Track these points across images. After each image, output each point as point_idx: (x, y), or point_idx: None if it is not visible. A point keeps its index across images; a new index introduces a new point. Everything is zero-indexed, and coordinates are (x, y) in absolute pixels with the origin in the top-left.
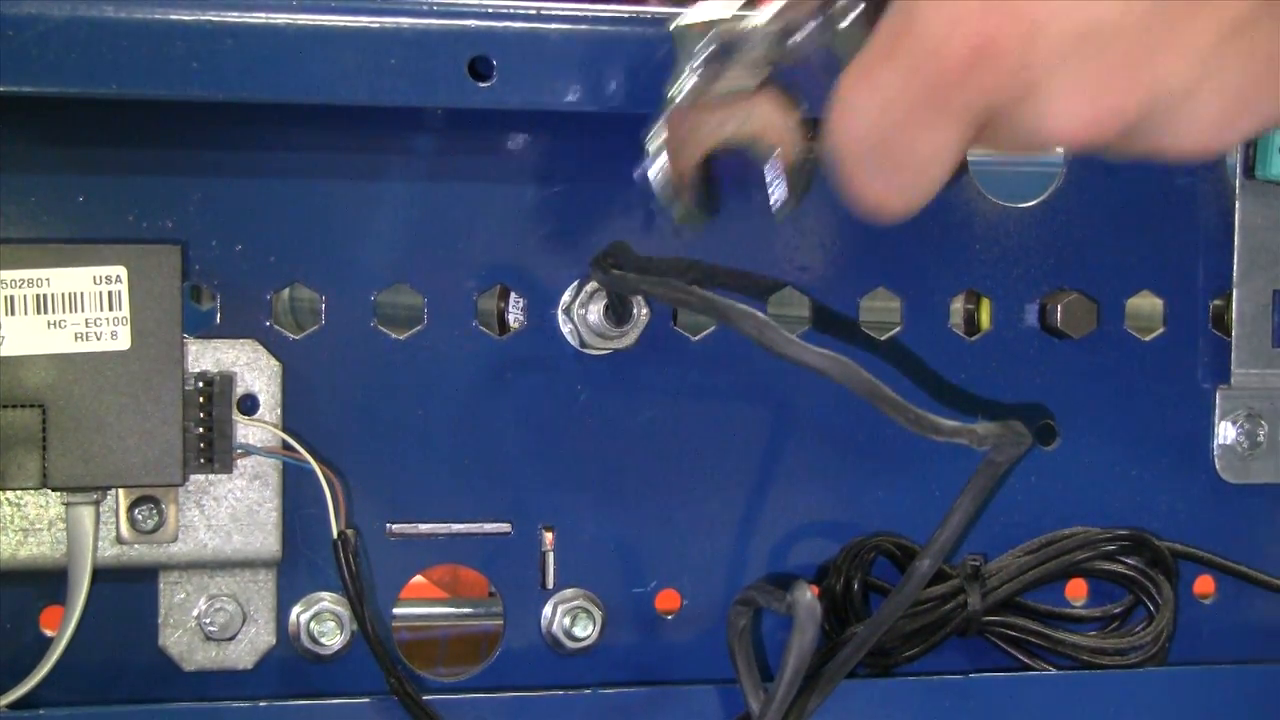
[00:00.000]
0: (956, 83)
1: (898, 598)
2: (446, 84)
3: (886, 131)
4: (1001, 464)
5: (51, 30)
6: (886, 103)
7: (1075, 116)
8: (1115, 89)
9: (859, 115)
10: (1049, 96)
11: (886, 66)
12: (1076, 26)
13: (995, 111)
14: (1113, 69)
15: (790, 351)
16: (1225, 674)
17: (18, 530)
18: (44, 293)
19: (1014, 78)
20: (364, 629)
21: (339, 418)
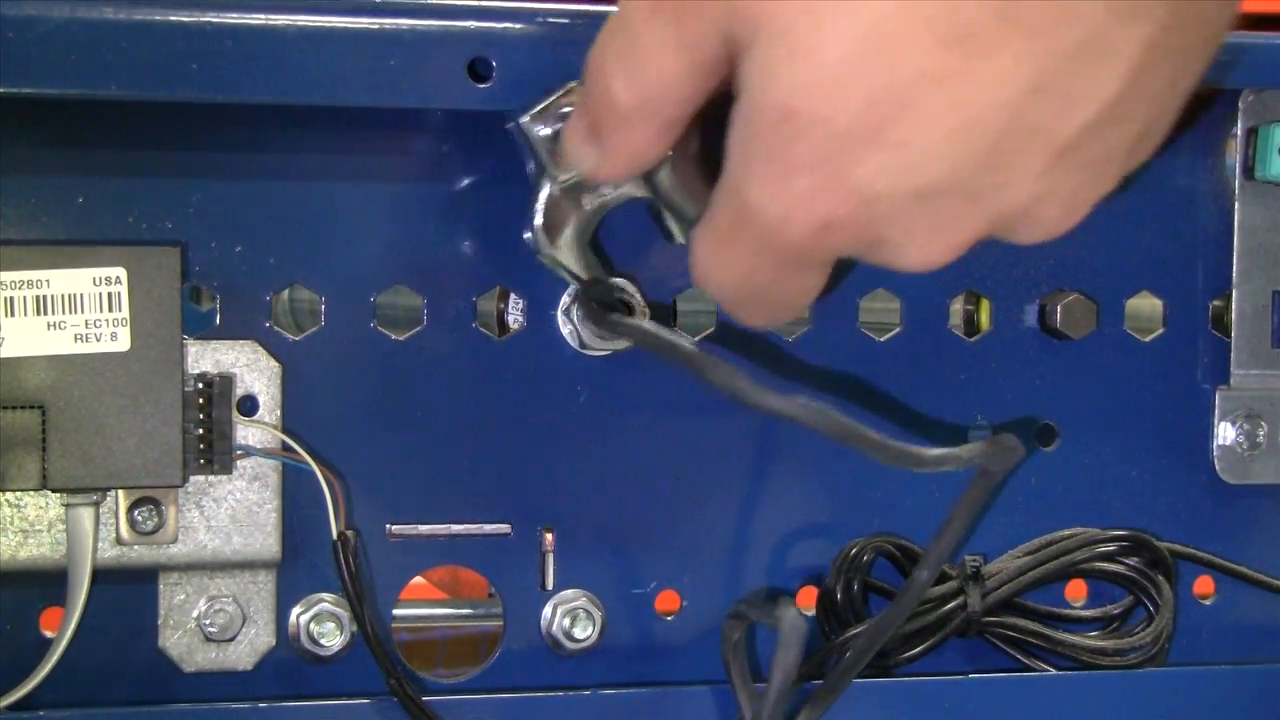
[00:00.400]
0: (807, 253)
1: (897, 608)
2: (446, 84)
3: (752, 292)
4: (997, 474)
5: (51, 30)
6: (744, 273)
7: (926, 255)
8: (957, 228)
9: (720, 282)
10: (898, 244)
11: (736, 246)
12: (910, 191)
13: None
14: (951, 215)
15: (762, 401)
16: (1225, 674)
17: (17, 531)
18: (44, 294)
19: (857, 238)
20: (364, 630)
21: (339, 418)
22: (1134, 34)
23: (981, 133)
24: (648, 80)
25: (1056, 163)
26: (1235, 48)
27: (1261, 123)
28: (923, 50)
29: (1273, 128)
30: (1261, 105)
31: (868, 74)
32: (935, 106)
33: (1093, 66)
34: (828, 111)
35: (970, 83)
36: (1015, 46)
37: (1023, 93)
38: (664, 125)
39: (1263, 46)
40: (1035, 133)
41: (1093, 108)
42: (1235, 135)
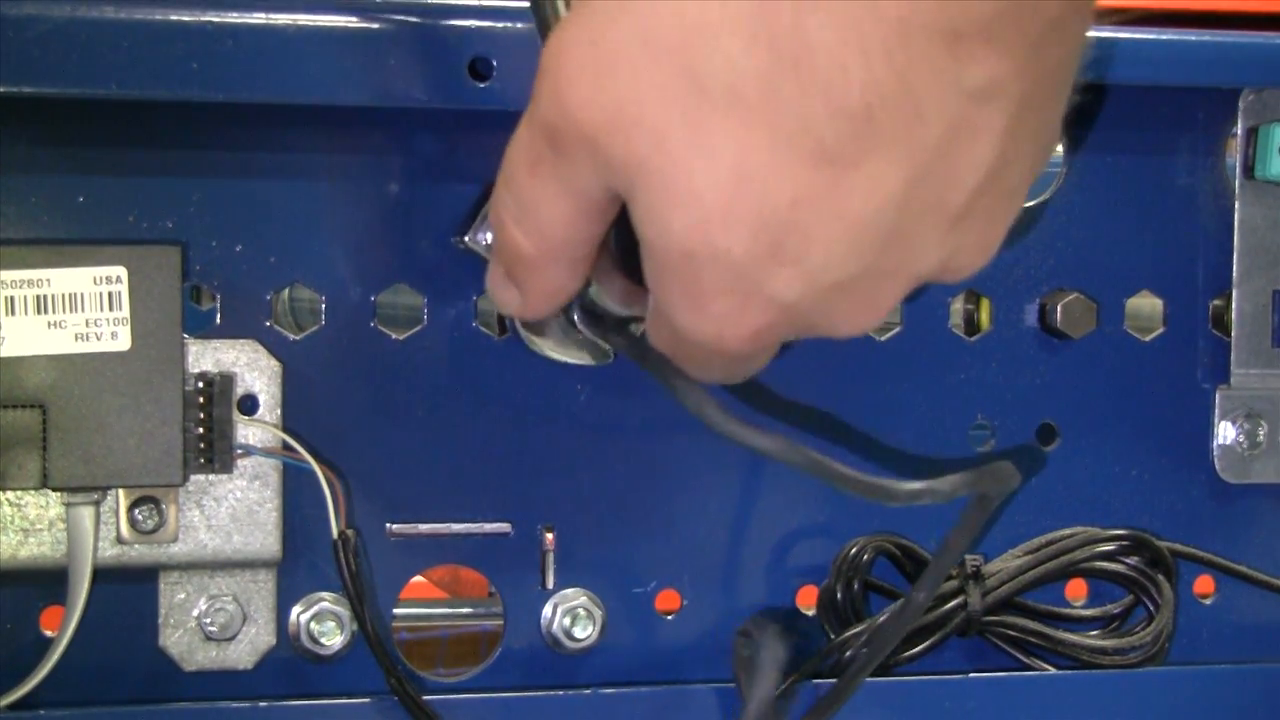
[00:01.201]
0: (745, 355)
1: (895, 624)
2: (446, 84)
3: (712, 378)
4: (994, 500)
5: (51, 30)
6: (702, 374)
7: (858, 325)
8: (880, 299)
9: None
10: (827, 323)
11: (684, 360)
12: (823, 291)
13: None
14: (870, 293)
15: (732, 431)
16: (1225, 674)
17: (18, 530)
18: (44, 293)
19: (790, 330)
20: (364, 629)
21: (339, 418)
22: (996, 110)
23: (873, 231)
24: (544, 230)
25: (956, 226)
26: (1235, 47)
27: (1261, 122)
28: (792, 175)
29: (1273, 127)
30: (1261, 105)
31: (747, 206)
32: (819, 222)
33: (962, 149)
34: (723, 245)
35: (846, 194)
36: (882, 154)
37: (901, 186)
38: (571, 264)
39: (1263, 46)
40: (927, 211)
41: (973, 177)
42: (1235, 135)
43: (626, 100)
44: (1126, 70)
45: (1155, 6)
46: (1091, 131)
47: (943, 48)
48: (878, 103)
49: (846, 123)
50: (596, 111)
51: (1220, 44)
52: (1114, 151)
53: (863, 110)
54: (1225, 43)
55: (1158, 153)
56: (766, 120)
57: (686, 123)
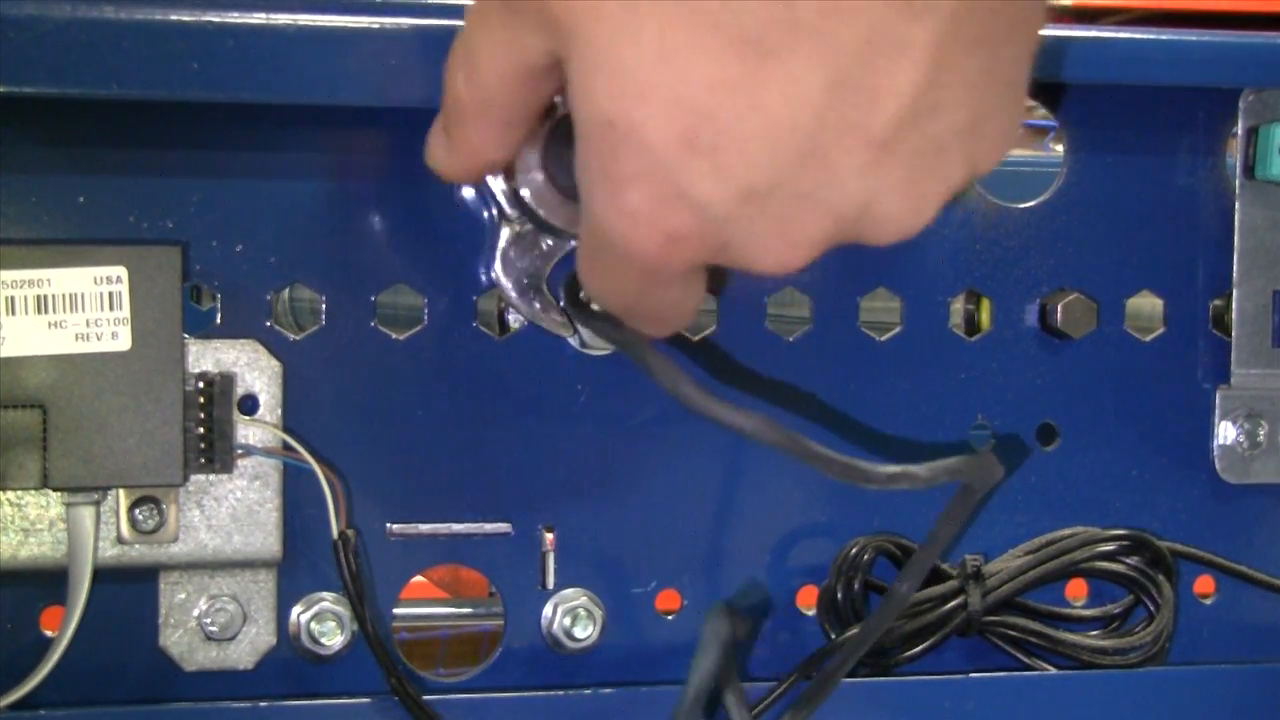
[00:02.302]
0: (660, 265)
1: (880, 617)
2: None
3: (629, 303)
4: (978, 490)
5: (51, 30)
6: (615, 286)
7: (775, 253)
8: (799, 227)
9: (599, 298)
10: (744, 246)
11: (600, 268)
12: (736, 193)
13: (709, 261)
14: (788, 214)
15: (707, 409)
16: (1225, 674)
17: (18, 530)
18: (44, 293)
19: (706, 245)
20: (364, 629)
21: (339, 418)
22: (922, 26)
23: (790, 131)
24: (482, 80)
25: (879, 156)
26: (1235, 47)
27: (1261, 122)
28: (712, 58)
29: (1273, 127)
30: (1261, 105)
31: (664, 83)
32: (735, 112)
33: (885, 61)
34: (638, 120)
35: (765, 86)
36: (802, 47)
37: (820, 90)
38: (501, 125)
39: (1263, 46)
40: (846, 129)
41: (895, 101)
42: (1235, 135)
43: None
44: (1126, 70)
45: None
46: (1091, 131)
47: None
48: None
49: (769, 6)
50: None
51: (1220, 44)
52: (1114, 151)
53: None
54: (1225, 43)
55: (1158, 153)
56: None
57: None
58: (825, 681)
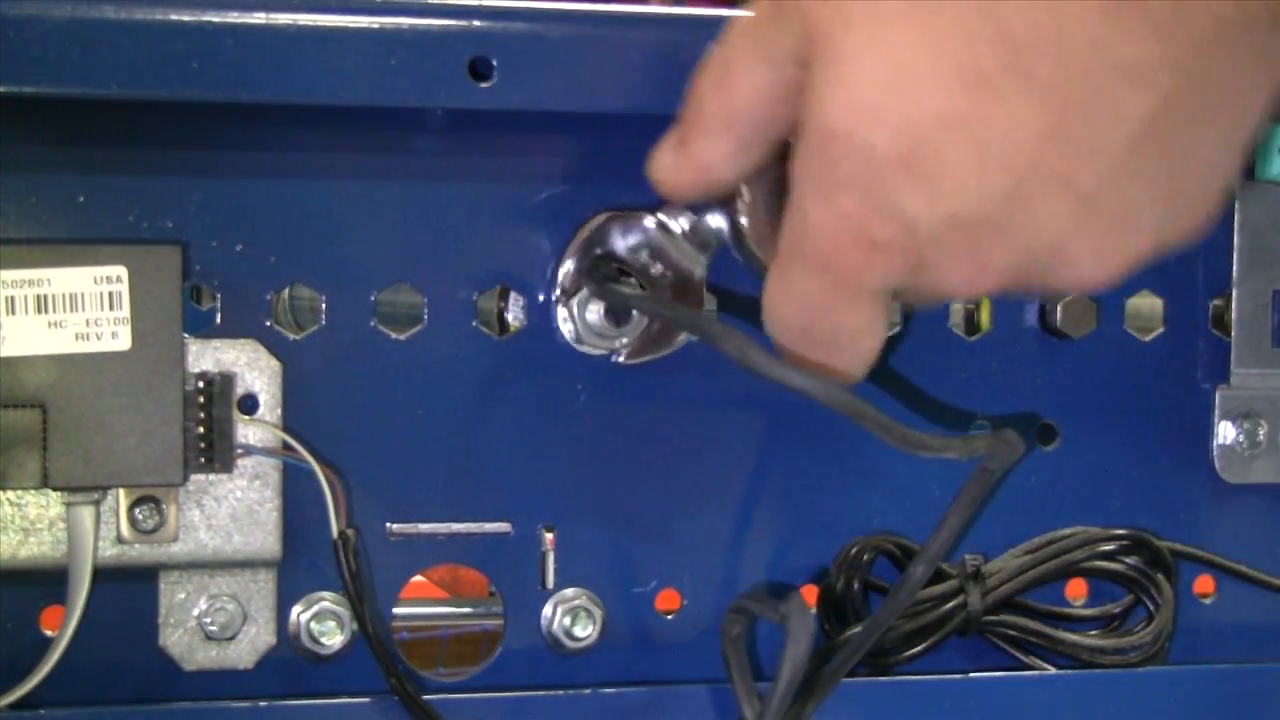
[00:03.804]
0: (855, 275)
1: (892, 603)
2: (447, 84)
3: (810, 321)
4: (995, 472)
5: (51, 30)
6: (803, 298)
7: (964, 280)
8: (993, 256)
9: (785, 311)
10: (937, 268)
11: (794, 270)
12: (943, 218)
13: (899, 284)
14: (983, 242)
15: (774, 373)
16: (1225, 674)
17: (18, 530)
18: (44, 293)
19: (904, 261)
20: (364, 629)
21: (339, 418)
22: (1141, 96)
23: (1003, 171)
24: (733, 91)
25: (1078, 208)
26: None
27: None
28: (944, 89)
29: (1273, 127)
30: None
31: (896, 106)
32: (956, 144)
33: (1100, 122)
34: (863, 137)
35: (986, 124)
36: (1026, 95)
37: (1036, 137)
38: (741, 142)
39: None
40: (1054, 177)
41: (1104, 160)
42: None
43: None
44: None
45: None
46: None
47: (1098, 5)
48: (1032, 40)
49: (1003, 49)
50: None
51: None
52: None
53: (1017, 42)
54: None
55: None
56: (938, 27)
57: (875, 10)
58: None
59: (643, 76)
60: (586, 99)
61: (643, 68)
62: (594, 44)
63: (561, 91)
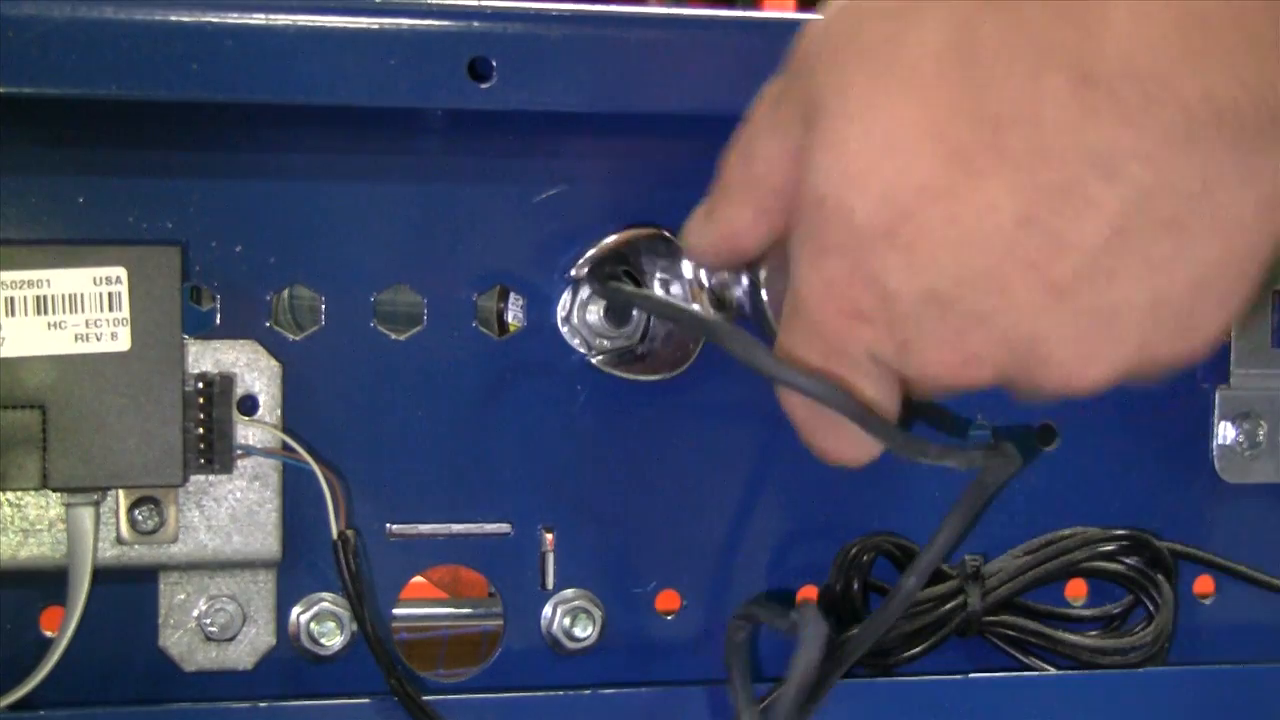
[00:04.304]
0: (841, 342)
1: (883, 614)
2: (446, 84)
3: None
4: (991, 486)
5: (51, 30)
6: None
7: (948, 367)
8: (971, 341)
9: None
10: (921, 350)
11: (793, 334)
12: (920, 292)
13: (888, 363)
14: (962, 325)
15: (779, 373)
16: (1225, 674)
17: (18, 531)
18: (44, 294)
19: (887, 335)
20: (364, 629)
21: (339, 418)
22: (1113, 189)
23: (979, 250)
24: (751, 160)
25: (1054, 301)
26: None
27: None
28: (927, 163)
29: None
30: None
31: (881, 175)
32: (936, 218)
33: (1073, 212)
34: (850, 203)
35: (965, 203)
36: (1004, 176)
37: (1012, 221)
38: (760, 209)
39: None
40: (1029, 265)
41: (1075, 253)
42: None
43: (844, 45)
44: None
45: None
46: None
47: (1070, 85)
48: (1009, 117)
49: (982, 127)
50: (821, 47)
51: None
52: None
53: (995, 118)
54: None
55: None
56: (927, 100)
57: (869, 78)
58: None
59: (643, 76)
60: (586, 99)
61: (643, 68)
62: (594, 44)
63: (561, 91)
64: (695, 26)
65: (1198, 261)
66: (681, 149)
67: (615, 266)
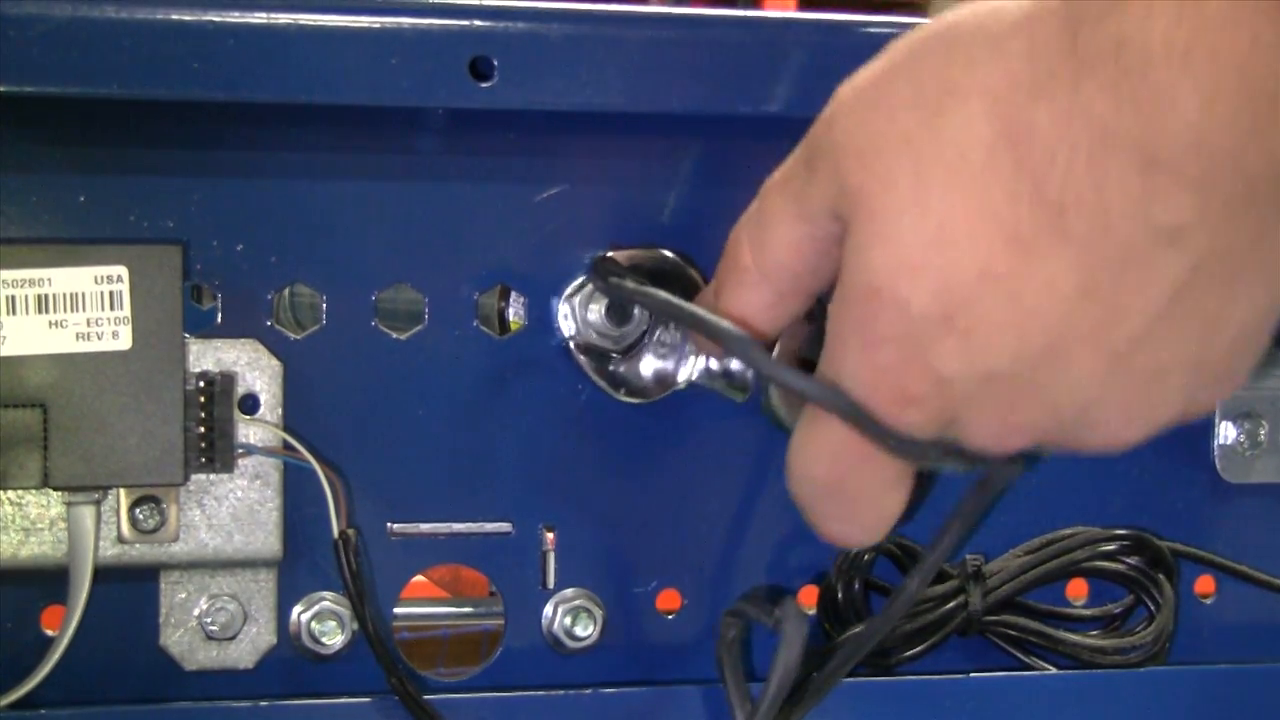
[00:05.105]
0: (892, 422)
1: (886, 615)
2: (447, 84)
3: (841, 474)
4: (995, 489)
5: (51, 30)
6: (835, 449)
7: (991, 437)
8: (1021, 414)
9: (814, 464)
10: (966, 424)
11: (822, 435)
12: (979, 374)
13: (930, 434)
14: (1015, 400)
15: (778, 376)
16: (1226, 674)
17: (19, 530)
18: (45, 292)
19: (936, 416)
20: (365, 629)
21: (340, 418)
22: (1175, 255)
23: (1040, 328)
24: (768, 246)
25: (1112, 367)
26: None
27: None
28: (986, 248)
29: None
30: None
31: (938, 265)
32: (994, 302)
33: (1135, 280)
34: (905, 295)
35: (1026, 282)
36: (1065, 254)
37: (1073, 296)
38: (778, 293)
39: None
40: (1089, 335)
41: (1137, 319)
42: None
43: (878, 135)
44: None
45: None
46: None
47: (1136, 169)
48: (1072, 202)
49: (1043, 211)
50: (850, 137)
51: None
52: None
53: (1058, 203)
54: None
55: None
56: (980, 189)
57: (916, 170)
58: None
59: (643, 76)
60: (586, 99)
61: (643, 68)
62: (594, 44)
63: (561, 91)
64: (695, 26)
65: (1245, 313)
66: (682, 149)
67: (615, 263)
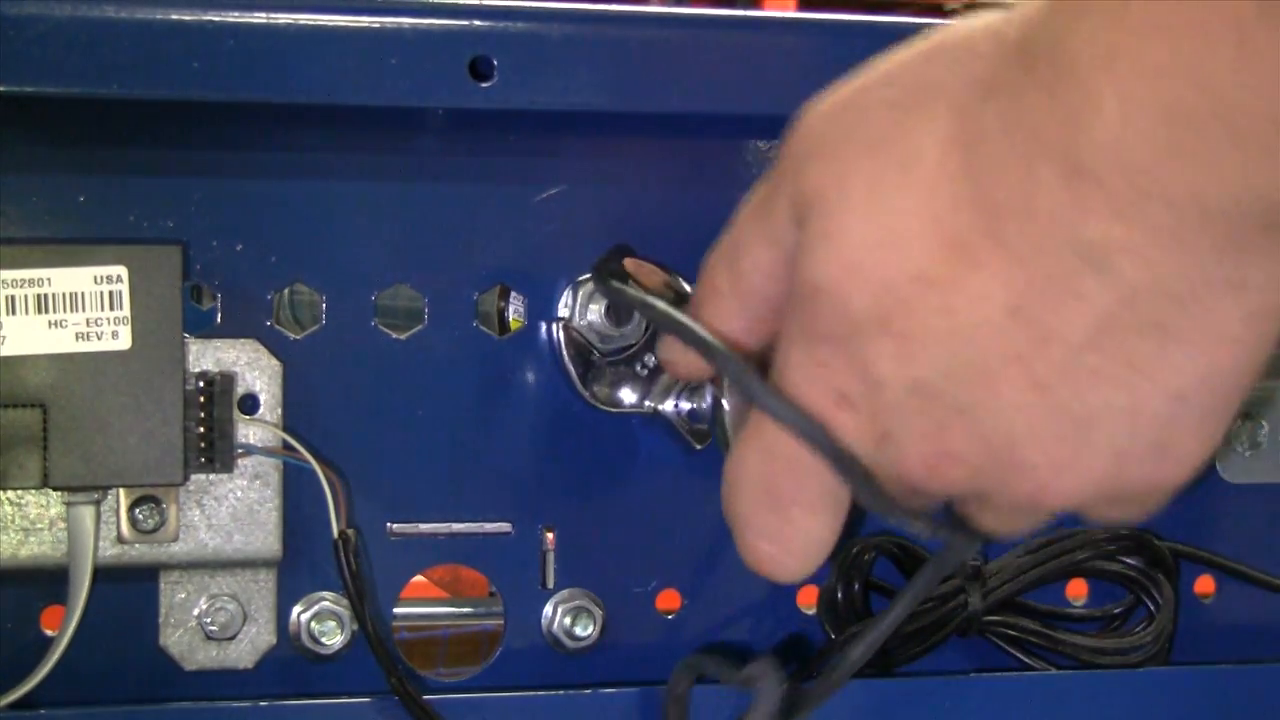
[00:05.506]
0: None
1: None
2: (447, 84)
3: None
4: (950, 564)
5: (51, 30)
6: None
7: (923, 460)
8: (950, 437)
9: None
10: (898, 442)
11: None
12: (909, 380)
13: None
14: (944, 419)
15: (767, 403)
16: (1226, 674)
17: (18, 530)
18: (45, 292)
19: (868, 424)
20: (364, 629)
21: (339, 418)
22: (1099, 283)
23: (968, 341)
24: (739, 268)
25: (1035, 398)
26: None
27: None
28: (925, 251)
29: None
30: None
31: (878, 266)
32: (929, 307)
33: (1060, 302)
34: (845, 292)
35: (958, 292)
36: (997, 265)
37: (1001, 312)
38: (755, 317)
39: None
40: (1014, 358)
41: (1062, 348)
42: None
43: (837, 138)
44: None
45: None
46: None
47: (1062, 176)
48: (1007, 209)
49: (981, 214)
50: (810, 143)
51: None
52: None
53: (996, 210)
54: None
55: None
56: (928, 190)
57: (870, 171)
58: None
59: (643, 76)
60: (586, 99)
61: (643, 68)
62: (594, 44)
63: (561, 91)
64: (695, 26)
65: (1180, 371)
66: (682, 149)
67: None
